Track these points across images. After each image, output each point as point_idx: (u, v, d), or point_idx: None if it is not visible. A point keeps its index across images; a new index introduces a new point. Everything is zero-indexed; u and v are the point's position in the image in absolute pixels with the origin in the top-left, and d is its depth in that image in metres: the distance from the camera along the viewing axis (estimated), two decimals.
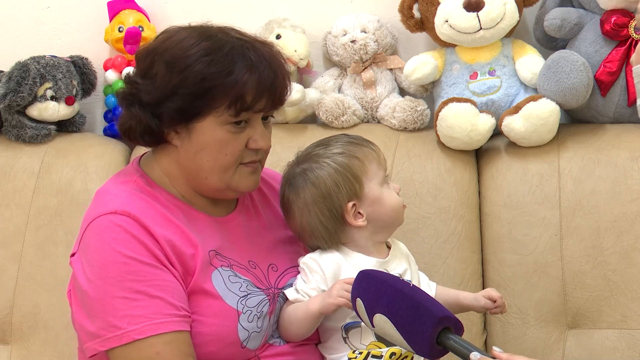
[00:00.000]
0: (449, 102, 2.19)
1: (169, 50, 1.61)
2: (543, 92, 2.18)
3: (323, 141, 1.77)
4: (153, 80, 1.61)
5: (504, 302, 1.79)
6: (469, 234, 2.16)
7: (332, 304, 1.61)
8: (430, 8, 2.24)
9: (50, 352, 2.14)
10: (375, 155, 1.73)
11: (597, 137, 2.20)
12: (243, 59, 1.61)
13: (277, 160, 2.20)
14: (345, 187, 1.69)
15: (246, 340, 1.63)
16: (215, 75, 1.58)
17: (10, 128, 2.31)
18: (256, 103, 1.62)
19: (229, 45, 1.61)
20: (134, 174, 1.70)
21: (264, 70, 1.62)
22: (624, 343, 2.07)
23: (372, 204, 1.70)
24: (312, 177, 1.70)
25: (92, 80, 2.39)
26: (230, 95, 1.59)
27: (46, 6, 2.45)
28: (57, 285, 2.13)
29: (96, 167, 2.24)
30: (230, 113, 1.60)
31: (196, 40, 1.61)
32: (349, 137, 1.76)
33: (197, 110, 1.60)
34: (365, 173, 1.70)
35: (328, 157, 1.71)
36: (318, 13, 2.40)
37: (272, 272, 1.73)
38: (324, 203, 1.69)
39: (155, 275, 1.56)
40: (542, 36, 2.32)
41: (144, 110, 1.63)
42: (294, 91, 2.24)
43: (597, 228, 2.11)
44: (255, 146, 1.65)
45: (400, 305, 1.39)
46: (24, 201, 2.22)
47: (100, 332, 1.54)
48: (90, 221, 1.60)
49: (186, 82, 1.58)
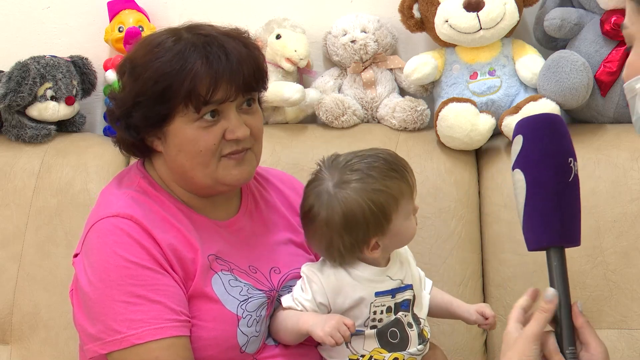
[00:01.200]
0: (449, 102, 2.19)
1: (132, 59, 1.63)
2: (543, 92, 2.18)
3: (363, 160, 1.66)
4: (121, 94, 1.64)
5: (496, 320, 1.80)
6: (469, 234, 2.16)
7: (319, 337, 1.58)
8: (430, 8, 2.24)
9: (50, 352, 2.14)
10: (409, 190, 1.66)
11: (597, 137, 2.20)
12: (195, 54, 1.59)
13: (277, 160, 2.20)
14: (375, 225, 1.62)
15: (245, 345, 1.62)
16: (166, 76, 1.57)
17: (10, 128, 2.31)
18: (213, 94, 1.58)
19: (182, 44, 1.60)
20: (137, 175, 1.70)
21: (213, 59, 1.58)
22: (624, 343, 2.07)
23: (392, 237, 1.66)
24: (344, 207, 1.61)
25: (92, 80, 2.39)
26: (184, 93, 1.57)
27: (46, 6, 2.45)
28: (57, 285, 2.13)
29: (96, 167, 2.24)
30: (191, 110, 1.59)
31: (154, 46, 1.61)
32: (389, 166, 1.66)
33: (162, 115, 1.59)
34: (396, 211, 1.64)
35: (365, 190, 1.62)
36: (318, 13, 2.40)
37: (275, 274, 1.72)
38: (348, 235, 1.63)
39: (156, 279, 1.56)
40: (542, 36, 2.32)
41: (120, 125, 1.64)
42: (294, 91, 2.24)
43: (597, 228, 2.11)
44: (232, 137, 1.61)
45: (543, 193, 1.28)
46: (24, 201, 2.22)
47: (101, 335, 1.54)
48: (94, 223, 1.60)
49: (144, 87, 1.59)
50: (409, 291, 1.69)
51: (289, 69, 2.30)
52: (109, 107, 1.70)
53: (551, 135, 1.32)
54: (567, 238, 1.33)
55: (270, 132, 2.24)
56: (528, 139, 1.32)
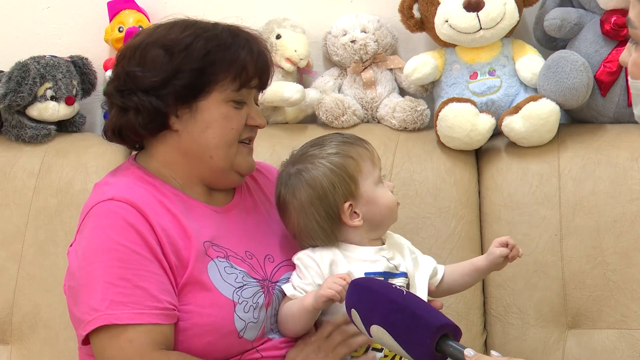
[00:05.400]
0: (449, 102, 2.19)
1: (160, 38, 1.68)
2: (543, 92, 2.18)
3: (317, 141, 1.77)
4: (152, 66, 1.65)
5: (515, 244, 1.77)
6: (469, 234, 2.16)
7: (322, 296, 1.60)
8: (430, 8, 2.24)
9: (50, 352, 2.14)
10: (369, 154, 1.73)
11: (597, 137, 2.20)
12: (237, 37, 1.69)
13: (277, 160, 2.19)
14: (341, 187, 1.68)
15: (243, 330, 1.63)
16: (216, 49, 1.66)
17: (10, 128, 2.31)
18: (254, 78, 1.69)
19: (219, 27, 1.70)
20: (131, 167, 1.72)
21: (257, 48, 1.71)
22: (624, 343, 2.07)
23: (367, 203, 1.70)
24: (308, 177, 1.69)
25: (92, 80, 2.39)
26: (234, 68, 1.66)
27: (46, 6, 2.45)
28: (57, 285, 2.12)
29: (96, 167, 2.23)
30: (233, 88, 1.67)
31: (185, 27, 1.69)
32: (342, 137, 1.76)
33: (203, 86, 1.65)
34: (360, 172, 1.70)
35: (323, 157, 1.71)
36: (318, 13, 2.40)
37: (269, 262, 1.73)
38: (321, 204, 1.69)
39: (143, 265, 1.57)
40: (542, 36, 2.32)
41: (148, 96, 1.65)
42: (294, 91, 2.24)
43: (597, 228, 2.11)
44: (254, 123, 1.72)
45: (396, 316, 1.38)
46: (24, 201, 2.22)
47: (83, 317, 1.56)
48: (89, 210, 1.62)
49: (190, 58, 1.65)
50: (402, 279, 1.70)
51: (289, 69, 2.30)
52: (112, 85, 1.70)
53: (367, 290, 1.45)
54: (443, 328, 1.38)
55: (270, 132, 2.25)
56: (359, 307, 1.45)
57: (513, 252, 1.77)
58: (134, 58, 1.67)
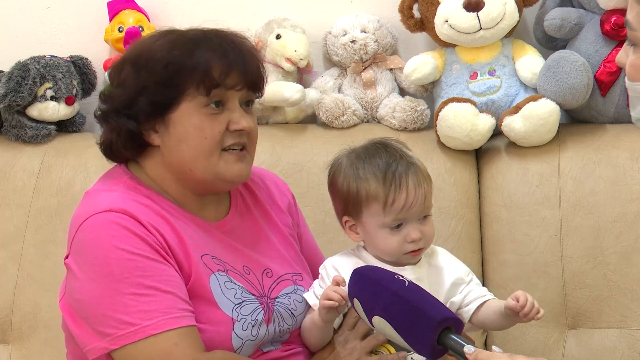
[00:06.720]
0: (449, 102, 2.19)
1: (133, 53, 1.64)
2: (543, 92, 2.18)
3: (380, 150, 1.67)
4: (122, 84, 1.62)
5: (533, 302, 1.57)
6: (469, 234, 2.16)
7: (321, 308, 1.59)
8: (430, 8, 2.24)
9: (50, 352, 2.14)
10: (383, 199, 1.61)
11: (597, 137, 2.20)
12: (205, 41, 1.61)
13: (277, 160, 2.20)
14: (346, 203, 1.65)
15: (239, 349, 1.61)
16: (178, 58, 1.59)
17: (10, 128, 2.31)
18: (226, 78, 1.60)
19: (191, 34, 1.63)
20: (123, 175, 1.67)
21: (228, 48, 1.61)
22: (624, 343, 2.07)
23: (365, 234, 1.66)
24: (332, 169, 1.69)
25: (92, 80, 2.39)
26: (196, 74, 1.58)
27: (46, 6, 2.45)
28: (57, 285, 2.10)
29: (96, 167, 2.23)
30: (201, 93, 1.59)
31: (158, 38, 1.63)
32: (387, 164, 1.64)
33: (170, 99, 1.59)
34: (367, 207, 1.63)
35: (352, 168, 1.65)
36: (318, 13, 2.40)
37: (267, 277, 1.70)
38: (332, 198, 1.70)
39: (162, 270, 1.54)
40: (542, 36, 2.32)
41: (120, 116, 1.62)
42: (294, 91, 2.24)
43: (597, 228, 2.11)
44: (236, 127, 1.61)
45: (398, 308, 1.37)
46: (24, 201, 2.22)
47: (110, 331, 1.51)
48: (83, 221, 1.57)
49: (152, 72, 1.59)
50: None
51: (289, 69, 2.30)
52: (99, 107, 1.67)
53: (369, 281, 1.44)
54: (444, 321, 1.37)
55: (270, 132, 2.25)
56: (361, 297, 1.44)
57: (525, 309, 1.56)
58: (114, 77, 1.65)
